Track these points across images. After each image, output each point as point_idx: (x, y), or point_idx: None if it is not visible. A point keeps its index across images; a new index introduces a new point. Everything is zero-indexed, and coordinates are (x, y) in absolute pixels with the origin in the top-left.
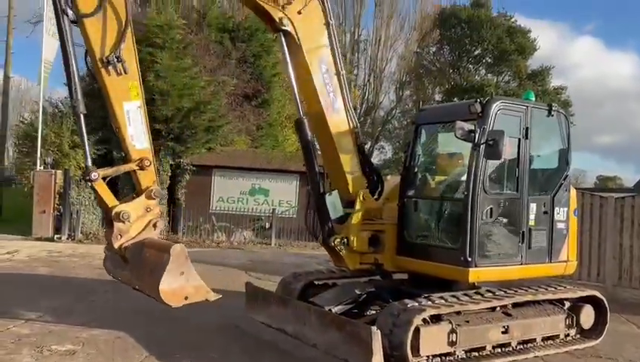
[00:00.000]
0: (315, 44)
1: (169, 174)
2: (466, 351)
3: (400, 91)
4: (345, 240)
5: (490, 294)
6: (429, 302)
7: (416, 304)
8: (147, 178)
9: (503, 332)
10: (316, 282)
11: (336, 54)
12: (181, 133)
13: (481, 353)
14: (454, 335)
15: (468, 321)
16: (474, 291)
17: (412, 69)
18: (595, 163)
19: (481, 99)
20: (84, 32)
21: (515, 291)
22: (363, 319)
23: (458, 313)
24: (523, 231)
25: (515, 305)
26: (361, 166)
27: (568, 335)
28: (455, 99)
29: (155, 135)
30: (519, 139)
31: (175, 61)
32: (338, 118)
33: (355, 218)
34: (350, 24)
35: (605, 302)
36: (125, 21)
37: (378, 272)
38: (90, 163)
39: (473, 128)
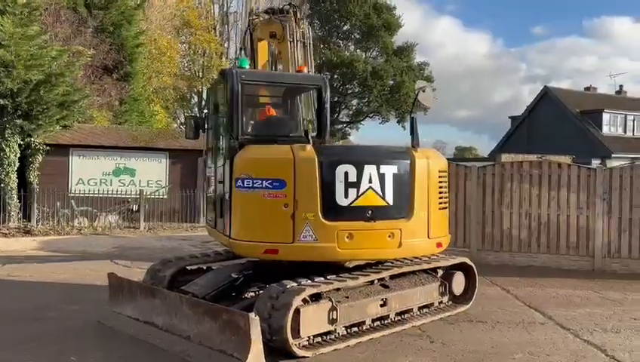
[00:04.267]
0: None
1: (17, 155)
2: (346, 328)
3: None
4: None
5: (368, 269)
6: (308, 281)
7: (295, 284)
8: None
9: (381, 306)
10: (188, 268)
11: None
12: (30, 110)
13: (361, 328)
14: (334, 312)
15: (347, 297)
16: (353, 266)
17: None
18: (454, 135)
19: None
20: None
21: (392, 263)
22: (240, 303)
23: (337, 290)
24: (215, 200)
25: (392, 277)
26: None
27: (442, 302)
28: (327, 74)
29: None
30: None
31: (19, 28)
32: None
33: None
34: None
35: (474, 268)
36: None
37: None
38: None
39: None
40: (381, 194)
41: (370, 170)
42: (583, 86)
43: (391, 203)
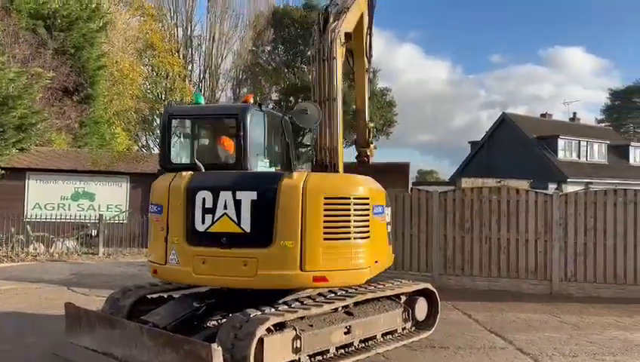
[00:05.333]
0: None
1: None
2: (310, 356)
3: (237, 89)
4: None
5: (332, 295)
6: (272, 310)
7: (259, 313)
8: None
9: (345, 333)
10: (149, 296)
11: None
12: None
13: (325, 356)
14: (299, 341)
15: (312, 325)
16: (317, 293)
17: (248, 67)
18: (416, 158)
19: None
20: None
21: (356, 289)
22: (203, 333)
23: (302, 318)
24: None
25: (357, 304)
26: None
27: (405, 328)
28: (291, 98)
29: None
30: None
31: None
32: None
33: None
34: (182, 19)
35: (437, 295)
36: None
37: None
38: None
39: None
40: (236, 220)
41: (225, 196)
42: (540, 112)
43: (247, 230)
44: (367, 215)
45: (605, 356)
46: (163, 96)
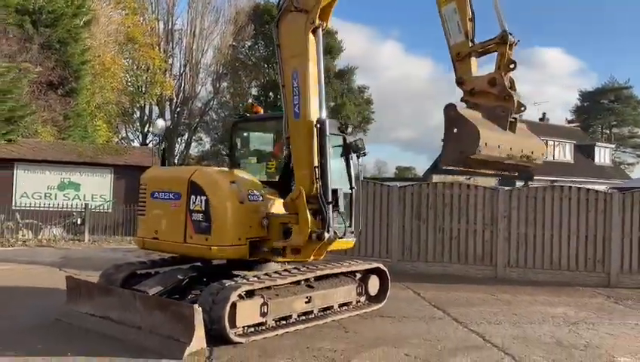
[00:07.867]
0: None
1: None
2: (275, 320)
3: (217, 83)
4: None
5: (296, 270)
6: (244, 280)
7: (233, 283)
8: None
9: (306, 302)
10: (139, 272)
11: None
12: None
13: (288, 320)
14: (266, 307)
15: (277, 294)
16: (283, 269)
17: (228, 61)
18: (395, 154)
19: None
20: None
21: (317, 266)
22: (187, 299)
23: (269, 288)
24: None
25: (317, 278)
26: None
27: (359, 301)
28: (270, 93)
29: None
30: None
31: None
32: None
33: None
34: (163, 13)
35: (387, 273)
36: None
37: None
38: None
39: None
40: None
41: None
42: None
43: None
44: (144, 197)
45: (524, 324)
46: (143, 89)
